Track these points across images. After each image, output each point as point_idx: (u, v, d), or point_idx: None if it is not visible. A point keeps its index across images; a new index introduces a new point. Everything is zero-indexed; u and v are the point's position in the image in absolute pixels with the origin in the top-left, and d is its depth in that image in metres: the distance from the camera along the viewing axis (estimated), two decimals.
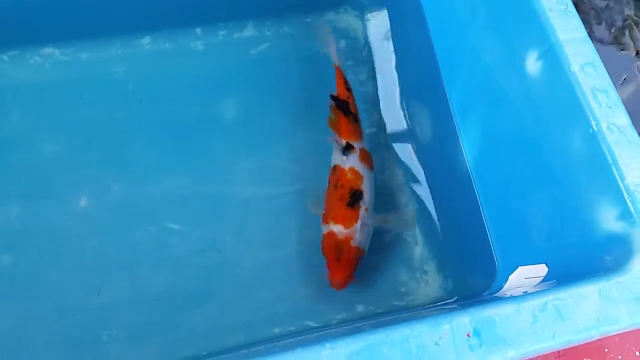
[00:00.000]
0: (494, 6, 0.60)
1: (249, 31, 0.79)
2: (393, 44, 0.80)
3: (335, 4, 0.81)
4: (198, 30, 0.78)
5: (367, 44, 0.81)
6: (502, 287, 0.59)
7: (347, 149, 0.66)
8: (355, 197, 0.64)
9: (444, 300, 0.67)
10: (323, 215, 0.64)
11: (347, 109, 0.69)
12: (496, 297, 0.56)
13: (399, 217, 0.70)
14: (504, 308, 0.42)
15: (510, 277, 0.57)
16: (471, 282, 0.66)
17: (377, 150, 0.74)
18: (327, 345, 0.40)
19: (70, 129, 0.70)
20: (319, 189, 0.68)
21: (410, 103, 0.76)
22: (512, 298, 0.44)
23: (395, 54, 0.79)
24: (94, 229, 0.67)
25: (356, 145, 0.67)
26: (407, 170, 0.73)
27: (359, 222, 0.63)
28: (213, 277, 0.67)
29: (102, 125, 0.71)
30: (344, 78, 0.71)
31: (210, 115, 0.75)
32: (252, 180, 0.72)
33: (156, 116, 0.74)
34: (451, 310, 0.43)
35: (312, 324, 0.66)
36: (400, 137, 0.76)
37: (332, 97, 0.69)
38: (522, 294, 0.45)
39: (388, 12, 0.81)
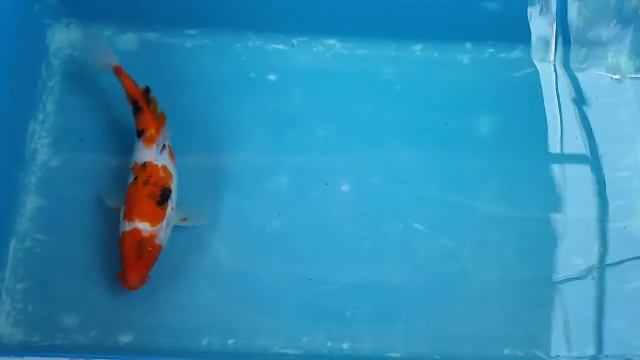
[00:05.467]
0: None
1: (516, 54, 0.81)
2: None
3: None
4: (468, 45, 0.81)
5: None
6: None
7: (162, 146, 0.68)
8: (164, 196, 0.66)
9: None
10: (125, 211, 0.66)
11: (138, 105, 0.69)
12: None
13: (197, 214, 0.70)
14: None
15: None
16: None
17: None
18: None
19: (340, 118, 0.77)
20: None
21: None
22: None
23: None
24: (351, 213, 0.73)
25: (167, 143, 0.69)
26: None
27: (165, 220, 0.66)
28: (449, 283, 0.71)
29: (368, 121, 0.77)
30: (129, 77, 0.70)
31: (465, 127, 0.78)
32: (498, 199, 0.75)
33: (416, 119, 0.78)
34: None
35: (540, 354, 0.67)
36: None
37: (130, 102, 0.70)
38: None
39: None
